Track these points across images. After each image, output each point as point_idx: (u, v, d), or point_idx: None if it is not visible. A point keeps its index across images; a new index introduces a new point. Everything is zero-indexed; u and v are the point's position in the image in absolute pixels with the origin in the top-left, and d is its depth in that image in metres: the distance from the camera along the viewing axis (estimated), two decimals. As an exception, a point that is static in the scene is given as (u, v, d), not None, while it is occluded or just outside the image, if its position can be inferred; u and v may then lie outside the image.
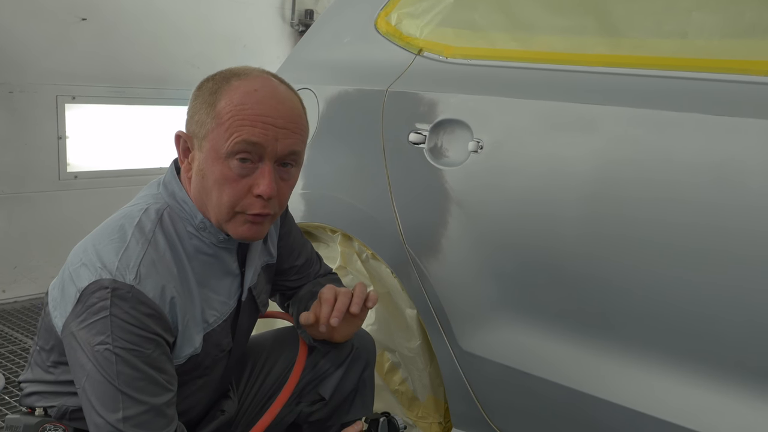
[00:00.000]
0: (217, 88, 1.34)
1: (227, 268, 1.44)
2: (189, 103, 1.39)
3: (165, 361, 1.28)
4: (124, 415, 1.21)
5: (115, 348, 1.21)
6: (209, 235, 1.38)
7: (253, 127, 1.30)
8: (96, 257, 1.26)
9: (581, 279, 1.54)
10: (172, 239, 1.34)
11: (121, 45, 4.29)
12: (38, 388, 1.41)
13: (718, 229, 1.35)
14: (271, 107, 1.32)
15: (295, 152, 1.36)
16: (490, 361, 1.69)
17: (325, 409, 1.68)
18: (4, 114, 3.89)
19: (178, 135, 1.38)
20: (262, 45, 4.97)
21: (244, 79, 1.35)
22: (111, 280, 1.23)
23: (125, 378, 1.22)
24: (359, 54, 2.10)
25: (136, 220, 1.32)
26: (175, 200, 1.38)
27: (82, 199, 4.16)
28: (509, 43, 1.77)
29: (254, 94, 1.32)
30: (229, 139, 1.29)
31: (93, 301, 1.23)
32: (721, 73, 1.40)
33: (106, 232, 1.31)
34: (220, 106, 1.31)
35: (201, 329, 1.38)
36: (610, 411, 1.49)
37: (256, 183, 1.32)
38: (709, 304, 1.37)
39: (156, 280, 1.26)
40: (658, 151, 1.43)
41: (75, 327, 1.24)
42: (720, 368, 1.37)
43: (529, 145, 1.62)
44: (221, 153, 1.30)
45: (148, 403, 1.23)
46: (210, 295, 1.41)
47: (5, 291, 3.99)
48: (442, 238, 1.76)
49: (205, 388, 1.48)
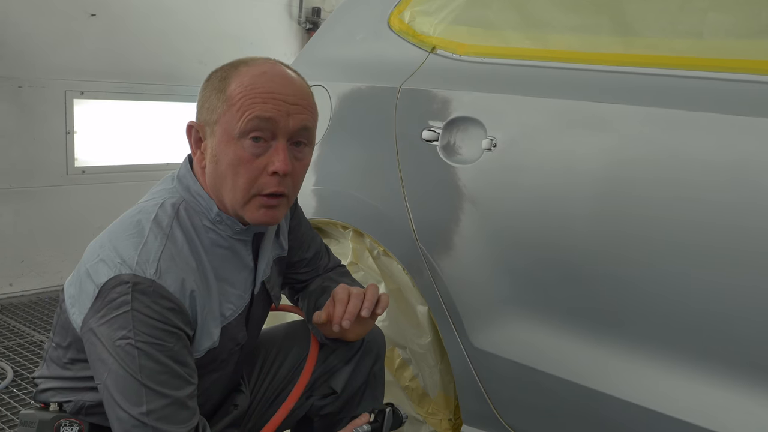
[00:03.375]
0: (226, 74, 1.36)
1: (243, 261, 1.45)
2: (198, 95, 1.40)
3: (186, 354, 1.29)
4: (148, 409, 1.22)
5: (137, 342, 1.22)
6: (225, 227, 1.39)
7: (265, 103, 1.31)
8: (114, 253, 1.26)
9: (593, 277, 1.55)
10: (189, 233, 1.35)
11: (129, 41, 4.31)
12: (54, 384, 1.41)
13: (732, 229, 1.35)
14: (281, 85, 1.34)
15: (307, 128, 1.37)
16: (502, 358, 1.70)
17: (337, 403, 1.69)
18: (13, 109, 3.90)
19: (190, 125, 1.39)
20: (269, 42, 4.99)
21: (252, 65, 1.37)
22: (131, 275, 1.23)
23: (148, 372, 1.22)
24: (372, 51, 2.11)
25: (153, 215, 1.32)
26: (190, 194, 1.39)
27: (90, 194, 4.17)
28: (523, 41, 1.78)
29: (263, 75, 1.34)
30: (242, 118, 1.30)
31: (113, 296, 1.23)
32: (737, 73, 1.40)
33: (123, 227, 1.32)
34: (230, 89, 1.33)
35: (219, 323, 1.39)
36: (621, 408, 1.50)
37: (270, 161, 1.32)
38: (722, 303, 1.37)
39: (176, 273, 1.27)
40: (671, 150, 1.44)
41: (95, 323, 1.25)
42: (732, 367, 1.38)
43: (543, 144, 1.63)
44: (234, 134, 1.31)
45: (171, 396, 1.24)
46: (227, 289, 1.41)
47: (12, 284, 4.00)
48: (455, 235, 1.77)
49: (219, 382, 1.49)
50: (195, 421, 1.28)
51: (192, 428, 1.27)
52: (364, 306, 1.49)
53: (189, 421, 1.26)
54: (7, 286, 3.98)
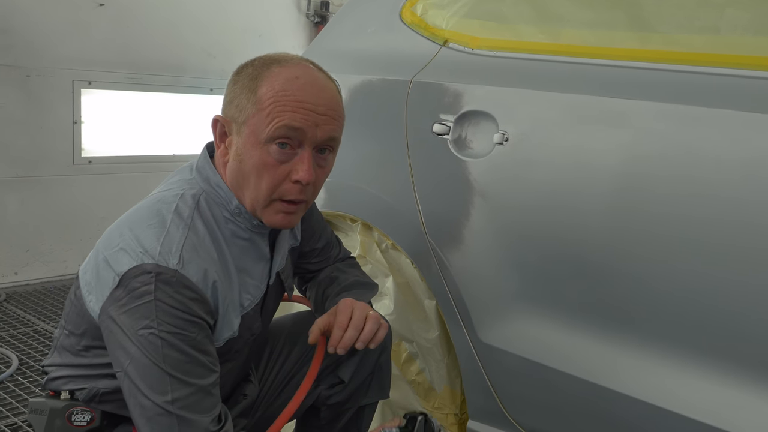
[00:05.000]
0: (258, 73, 1.34)
1: (260, 253, 1.45)
2: (227, 88, 1.39)
3: (208, 343, 1.29)
4: (173, 397, 1.22)
5: (161, 332, 1.22)
6: (244, 220, 1.39)
7: (295, 112, 1.31)
8: (136, 242, 1.26)
9: (603, 273, 1.54)
10: (210, 224, 1.35)
11: (137, 32, 4.31)
12: (66, 372, 1.41)
13: (745, 226, 1.34)
14: (312, 94, 1.33)
15: (333, 138, 1.38)
16: (509, 353, 1.69)
17: (344, 392, 1.69)
18: (21, 97, 3.90)
19: (216, 119, 1.38)
20: (277, 35, 4.98)
21: (285, 65, 1.35)
22: (154, 264, 1.23)
23: (172, 361, 1.22)
24: (383, 44, 2.10)
25: (174, 206, 1.32)
26: (210, 185, 1.39)
27: (96, 184, 4.17)
28: (536, 35, 1.77)
29: (295, 81, 1.33)
30: (270, 123, 1.30)
31: (135, 286, 1.23)
32: (753, 69, 1.39)
33: (143, 217, 1.31)
34: (261, 92, 1.32)
35: (238, 313, 1.40)
36: (630, 406, 1.49)
37: (295, 169, 1.33)
38: (733, 301, 1.36)
39: (198, 264, 1.27)
40: (685, 147, 1.42)
41: (115, 311, 1.24)
42: (743, 365, 1.37)
43: (555, 138, 1.62)
44: (261, 138, 1.31)
45: (196, 384, 1.24)
46: (246, 279, 1.42)
47: (18, 273, 4.01)
48: (464, 229, 1.76)
49: (231, 372, 1.49)
50: (218, 409, 1.29)
51: (215, 416, 1.27)
52: (360, 339, 1.46)
53: (213, 410, 1.27)
54: (12, 275, 3.98)
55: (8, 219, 3.93)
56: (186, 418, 1.23)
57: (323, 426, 1.72)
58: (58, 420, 1.35)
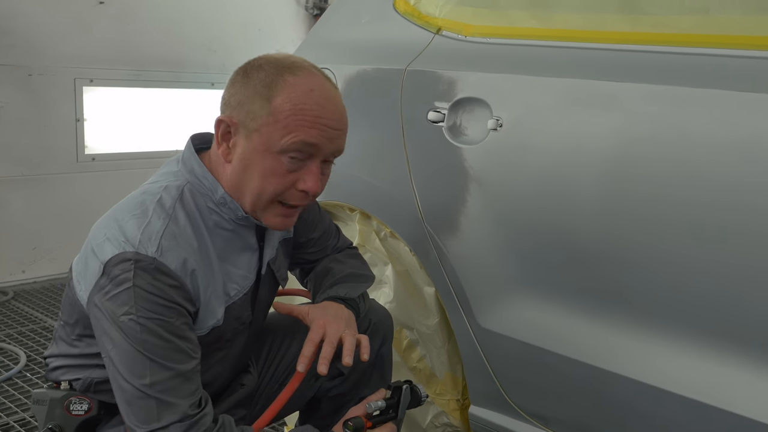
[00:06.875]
0: (272, 81, 1.35)
1: (246, 243, 1.47)
2: (231, 87, 1.39)
3: (187, 329, 1.31)
4: (151, 381, 1.25)
5: (139, 318, 1.25)
6: (228, 210, 1.40)
7: (312, 128, 1.34)
8: (119, 232, 1.30)
9: (600, 257, 1.54)
10: (192, 214, 1.37)
11: (138, 29, 4.32)
12: (63, 362, 1.45)
13: (739, 207, 1.34)
14: (328, 109, 1.37)
15: (341, 150, 1.43)
16: (509, 338, 1.70)
17: (344, 384, 1.70)
18: (23, 96, 3.92)
19: (222, 120, 1.38)
20: (276, 29, 4.99)
21: (299, 75, 1.37)
22: (134, 252, 1.26)
23: (150, 346, 1.25)
24: (378, 33, 2.10)
25: (158, 197, 1.35)
26: (194, 176, 1.41)
27: (100, 181, 4.20)
28: (528, 21, 1.77)
29: (311, 95, 1.35)
30: (286, 136, 1.33)
31: (116, 273, 1.26)
32: (744, 49, 1.39)
33: (128, 207, 1.35)
34: (276, 103, 1.33)
35: (223, 301, 1.41)
36: (628, 387, 1.49)
37: (302, 179, 1.36)
38: (728, 283, 1.37)
39: (177, 252, 1.30)
40: (678, 129, 1.43)
41: (99, 299, 1.28)
42: (740, 345, 1.37)
43: (548, 123, 1.63)
44: (274, 148, 1.33)
45: (174, 369, 1.27)
46: (231, 269, 1.44)
47: (25, 271, 4.04)
48: (461, 215, 1.77)
49: (225, 360, 1.51)
50: (198, 394, 1.31)
51: (195, 401, 1.29)
52: (345, 355, 1.45)
53: (192, 395, 1.29)
54: (19, 272, 4.01)
55: (14, 218, 3.96)
56: (165, 401, 1.25)
57: (325, 417, 1.74)
58: (57, 410, 1.38)
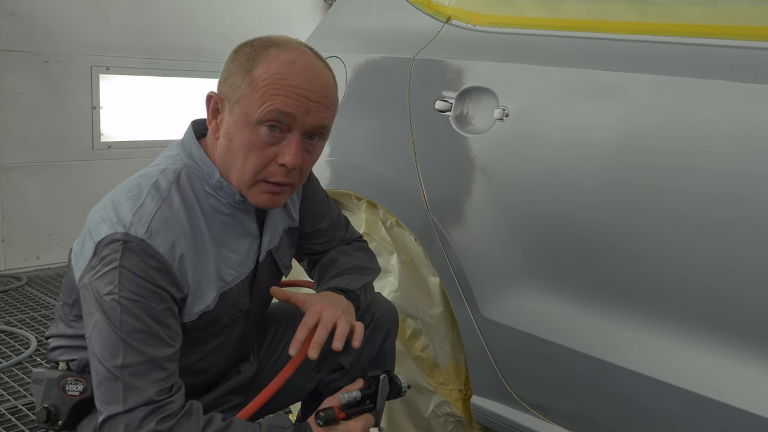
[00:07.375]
0: (255, 54, 1.35)
1: (245, 229, 1.46)
2: (224, 65, 1.40)
3: (169, 316, 1.31)
4: (122, 363, 1.24)
5: (121, 298, 1.25)
6: (225, 194, 1.40)
7: (287, 97, 1.32)
8: (113, 213, 1.30)
9: (604, 248, 1.54)
10: (188, 198, 1.37)
11: (154, 17, 4.33)
12: (61, 342, 1.45)
13: (744, 199, 1.33)
14: (306, 80, 1.34)
15: (323, 126, 1.39)
16: (512, 328, 1.70)
17: (345, 378, 1.67)
18: (40, 83, 3.95)
19: (210, 95, 1.40)
20: (294, 19, 4.98)
21: (283, 49, 1.36)
22: (124, 233, 1.27)
23: (127, 328, 1.25)
24: (387, 22, 2.10)
25: (154, 179, 1.35)
26: (192, 160, 1.41)
27: (115, 168, 4.22)
28: (537, 10, 1.76)
29: (291, 66, 1.34)
30: (262, 106, 1.31)
31: (106, 253, 1.27)
32: (750, 40, 1.38)
33: (125, 190, 1.35)
34: (256, 73, 1.33)
35: (216, 287, 1.40)
36: (631, 380, 1.49)
37: (281, 152, 1.34)
38: (733, 275, 1.35)
39: (166, 235, 1.30)
40: (684, 119, 1.42)
41: (89, 279, 1.29)
42: (743, 339, 1.36)
43: (554, 113, 1.62)
44: (252, 119, 1.32)
45: (147, 354, 1.26)
46: (227, 254, 1.43)
47: (39, 258, 4.07)
48: (466, 205, 1.76)
49: (223, 347, 1.50)
50: (169, 382, 1.29)
51: (164, 388, 1.27)
52: (336, 339, 1.44)
53: (162, 382, 1.27)
54: (34, 259, 4.05)
55: (29, 204, 3.99)
56: (131, 384, 1.25)
57: None
58: (54, 389, 1.38)
